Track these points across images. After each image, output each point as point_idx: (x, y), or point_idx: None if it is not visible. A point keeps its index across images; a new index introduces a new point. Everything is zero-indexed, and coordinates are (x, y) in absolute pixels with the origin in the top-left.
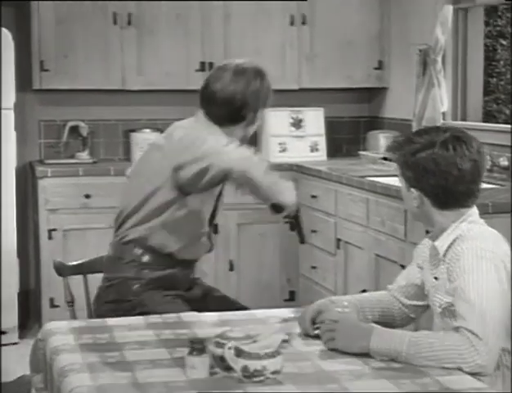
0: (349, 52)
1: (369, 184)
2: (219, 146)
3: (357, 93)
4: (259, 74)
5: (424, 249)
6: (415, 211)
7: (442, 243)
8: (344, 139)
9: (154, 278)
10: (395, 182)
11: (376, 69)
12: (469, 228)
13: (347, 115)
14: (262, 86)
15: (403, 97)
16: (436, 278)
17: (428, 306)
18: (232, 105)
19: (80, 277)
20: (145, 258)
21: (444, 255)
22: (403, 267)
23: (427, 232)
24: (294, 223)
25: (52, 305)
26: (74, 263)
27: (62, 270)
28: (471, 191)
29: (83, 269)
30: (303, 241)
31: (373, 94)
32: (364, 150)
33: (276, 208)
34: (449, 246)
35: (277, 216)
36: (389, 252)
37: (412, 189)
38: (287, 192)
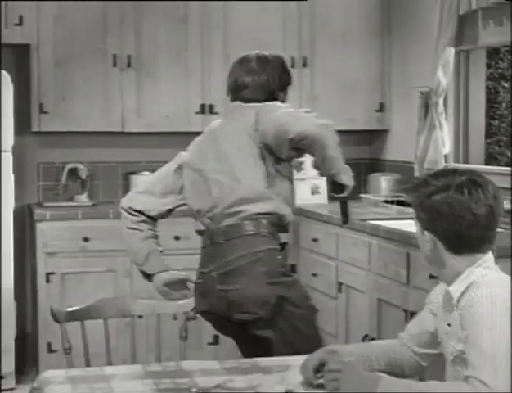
0: (350, 95)
1: (371, 228)
2: (299, 113)
3: (357, 135)
4: (280, 58)
5: (438, 295)
6: (428, 255)
7: (456, 288)
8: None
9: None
10: (398, 225)
11: (377, 111)
12: (484, 274)
13: (347, 157)
14: (286, 67)
15: (404, 140)
16: (449, 325)
17: (441, 354)
18: (268, 87)
19: (78, 323)
20: (271, 230)
21: (458, 301)
22: (406, 312)
23: (431, 277)
24: (344, 205)
25: (50, 350)
26: (71, 309)
27: (59, 316)
28: (486, 236)
29: (81, 316)
30: (346, 222)
31: (374, 136)
32: (365, 192)
33: (336, 187)
34: (463, 292)
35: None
36: (392, 296)
37: (426, 232)
38: (349, 173)
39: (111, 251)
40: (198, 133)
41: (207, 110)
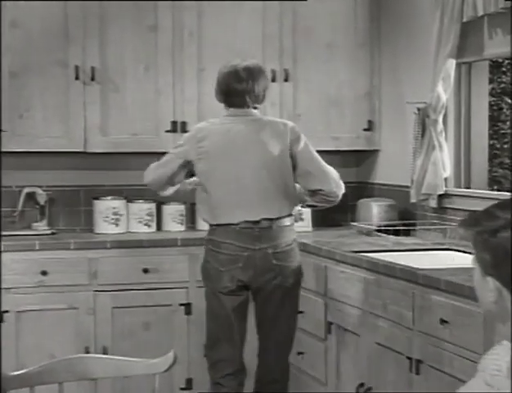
0: (336, 112)
1: (368, 262)
2: (326, 166)
3: (344, 156)
4: (259, 65)
5: (498, 361)
6: (490, 307)
7: None
8: (330, 207)
9: None
10: (397, 258)
11: (366, 130)
12: None
13: None
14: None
15: (397, 161)
16: None
17: None
18: (264, 89)
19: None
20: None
21: None
22: (410, 360)
23: (443, 321)
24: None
25: None
26: (19, 373)
27: (4, 384)
28: None
29: (30, 381)
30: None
31: (362, 157)
32: (352, 220)
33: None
34: None
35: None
36: (393, 342)
37: (489, 278)
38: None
39: (73, 286)
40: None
41: (179, 128)
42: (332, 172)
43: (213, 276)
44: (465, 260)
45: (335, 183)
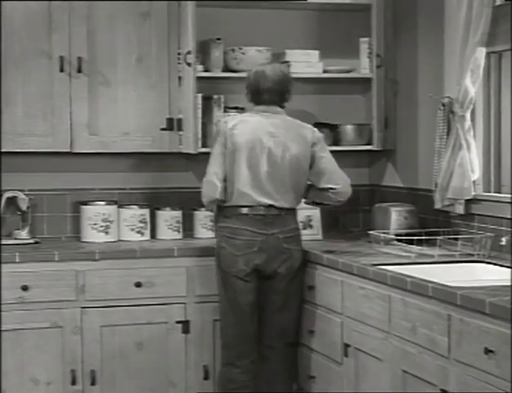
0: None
1: (392, 278)
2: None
3: (355, 157)
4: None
5: None
6: None
7: None
8: (341, 212)
9: None
10: (424, 272)
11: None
12: None
13: None
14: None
15: (415, 162)
16: None
17: None
18: (290, 89)
19: None
20: None
21: None
22: (444, 392)
23: (486, 351)
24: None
25: None
26: None
27: None
28: None
29: None
30: None
31: (375, 158)
32: (365, 226)
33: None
34: None
35: None
36: (424, 370)
37: None
38: None
39: (57, 302)
40: (164, 154)
41: (175, 125)
42: (343, 174)
43: (228, 261)
44: (502, 275)
45: (346, 184)
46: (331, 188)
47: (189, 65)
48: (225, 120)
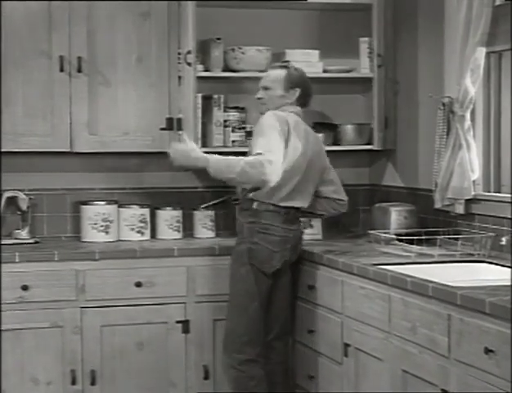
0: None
1: (392, 277)
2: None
3: (355, 156)
4: None
5: None
6: None
7: None
8: (341, 212)
9: None
10: (424, 272)
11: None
12: None
13: (343, 183)
14: None
15: (415, 162)
16: None
17: None
18: None
19: None
20: None
21: None
22: (445, 392)
23: (488, 351)
24: None
25: None
26: None
27: None
28: None
29: None
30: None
31: (375, 157)
32: (364, 226)
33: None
34: None
35: None
36: (424, 370)
37: None
38: None
39: (57, 302)
40: (164, 154)
41: (175, 125)
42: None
43: (263, 257)
44: (502, 275)
45: (345, 197)
46: (340, 200)
47: (189, 64)
48: (283, 114)
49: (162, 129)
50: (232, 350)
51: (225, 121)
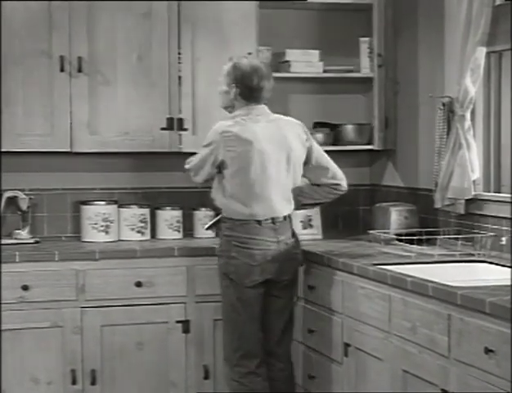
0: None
1: (392, 277)
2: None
3: (355, 156)
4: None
5: None
6: None
7: None
8: (341, 212)
9: None
10: (425, 272)
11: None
12: None
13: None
14: None
15: (416, 162)
16: None
17: None
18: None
19: None
20: None
21: None
22: (445, 392)
23: (487, 351)
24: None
25: None
26: None
27: None
28: None
29: None
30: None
31: (375, 157)
32: (365, 225)
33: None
34: None
35: None
36: (424, 370)
37: None
38: None
39: (57, 302)
40: (164, 154)
41: (175, 125)
42: (337, 167)
43: (242, 271)
44: (502, 275)
45: (343, 177)
46: (337, 184)
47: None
48: (225, 125)
49: (162, 129)
50: (231, 364)
51: None
